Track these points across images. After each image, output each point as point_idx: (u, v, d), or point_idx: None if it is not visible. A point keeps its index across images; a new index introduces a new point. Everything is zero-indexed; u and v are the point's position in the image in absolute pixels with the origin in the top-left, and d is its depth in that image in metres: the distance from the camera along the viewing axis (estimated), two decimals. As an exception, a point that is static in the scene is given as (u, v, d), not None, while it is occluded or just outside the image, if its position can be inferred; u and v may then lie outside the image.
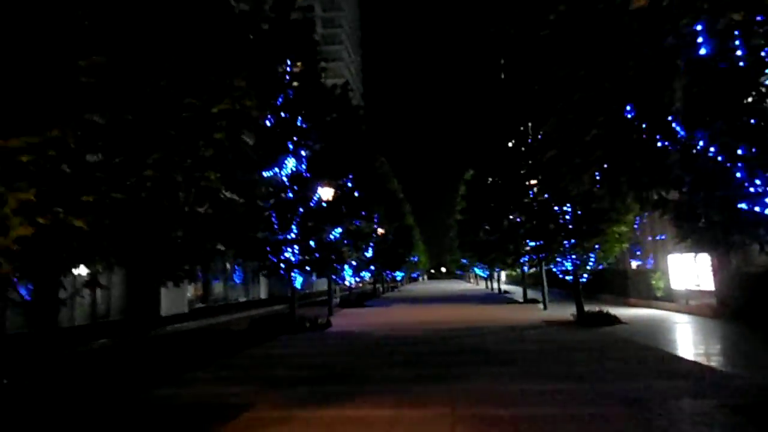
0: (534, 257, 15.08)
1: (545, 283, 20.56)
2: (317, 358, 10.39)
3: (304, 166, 15.60)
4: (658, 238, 20.87)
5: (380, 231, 31.23)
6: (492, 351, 10.47)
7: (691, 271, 17.35)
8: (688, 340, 11.74)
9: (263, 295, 40.82)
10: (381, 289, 43.76)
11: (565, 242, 14.62)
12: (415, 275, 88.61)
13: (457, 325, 15.58)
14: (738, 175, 5.26)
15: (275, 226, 15.29)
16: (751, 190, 5.25)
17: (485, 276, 48.64)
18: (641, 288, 20.82)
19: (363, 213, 16.96)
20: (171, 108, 5.21)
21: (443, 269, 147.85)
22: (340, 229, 16.74)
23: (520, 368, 8.65)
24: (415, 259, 55.16)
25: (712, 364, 8.68)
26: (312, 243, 15.68)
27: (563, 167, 7.20)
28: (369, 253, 26.09)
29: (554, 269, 15.52)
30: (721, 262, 15.77)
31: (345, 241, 17.50)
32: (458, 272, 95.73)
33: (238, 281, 35.54)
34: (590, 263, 15.16)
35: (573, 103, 6.83)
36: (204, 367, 9.71)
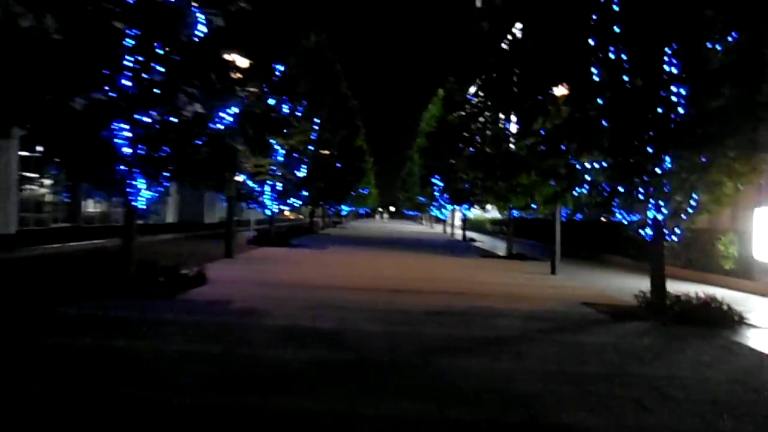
0: (606, 187, 7.82)
1: (558, 235, 13.66)
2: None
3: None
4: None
5: (325, 152, 23.45)
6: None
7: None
8: None
9: (171, 218, 32.55)
10: (321, 223, 36.35)
11: (664, 162, 7.46)
12: (362, 211, 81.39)
13: (436, 300, 8.44)
14: None
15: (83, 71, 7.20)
16: None
17: (443, 218, 42.08)
18: (695, 255, 14.37)
19: (276, 78, 9.05)
20: None
21: (392, 208, 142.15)
22: (235, 110, 8.80)
23: None
24: (365, 192, 47.78)
25: None
26: (168, 117, 7.78)
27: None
28: (302, 172, 18.27)
29: (621, 216, 8.41)
30: None
31: (249, 132, 9.55)
32: (408, 213, 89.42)
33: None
34: (688, 211, 8.15)
35: None
36: None
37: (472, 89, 24.48)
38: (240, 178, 15.62)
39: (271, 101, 9.85)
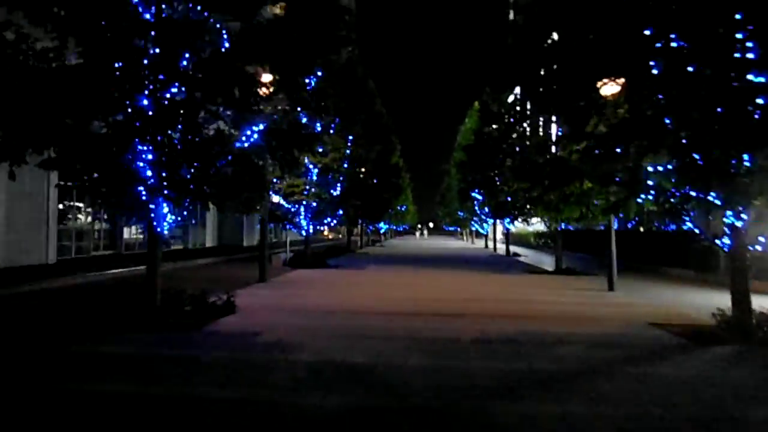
0: (675, 192, 6.84)
1: (614, 246, 12.53)
2: None
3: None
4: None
5: (362, 169, 23.01)
6: None
7: None
8: None
9: (210, 241, 32.70)
10: (359, 242, 35.84)
11: (744, 162, 6.46)
12: (400, 228, 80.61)
13: (484, 325, 7.56)
14: None
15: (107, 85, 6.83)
16: None
17: (485, 233, 40.87)
18: (766, 263, 12.92)
19: (308, 92, 8.52)
20: None
21: (431, 224, 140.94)
22: (261, 126, 8.32)
23: None
24: (403, 209, 47.11)
25: None
26: (189, 137, 7.34)
27: None
28: (337, 190, 17.76)
29: (690, 224, 7.38)
30: None
31: (275, 151, 9.01)
32: (447, 228, 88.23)
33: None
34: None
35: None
36: None
37: (510, 98, 23.62)
38: (275, 198, 15.23)
39: (302, 118, 9.34)
